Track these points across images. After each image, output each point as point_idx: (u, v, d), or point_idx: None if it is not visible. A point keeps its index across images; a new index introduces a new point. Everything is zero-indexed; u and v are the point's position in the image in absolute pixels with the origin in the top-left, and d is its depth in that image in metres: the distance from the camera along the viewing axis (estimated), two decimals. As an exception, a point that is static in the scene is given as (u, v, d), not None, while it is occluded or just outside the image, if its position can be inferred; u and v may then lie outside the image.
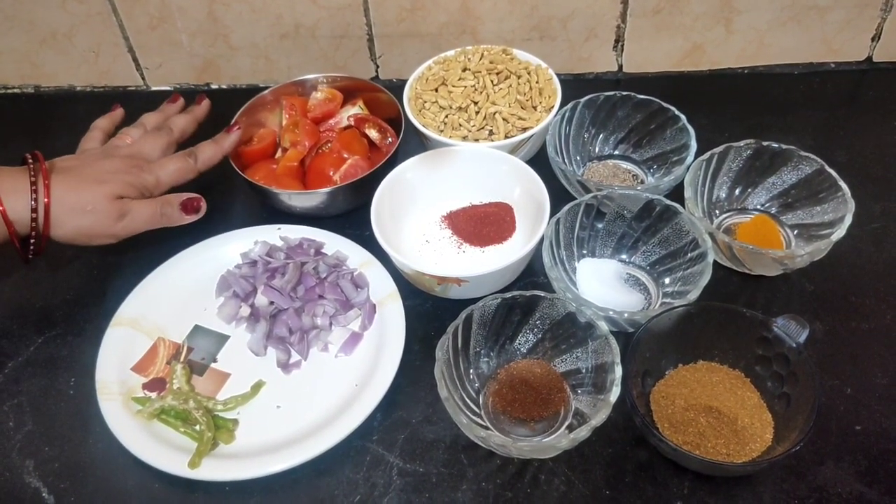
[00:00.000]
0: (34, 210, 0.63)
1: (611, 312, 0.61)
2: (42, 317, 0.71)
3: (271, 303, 0.68)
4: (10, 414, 0.64)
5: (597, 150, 0.82)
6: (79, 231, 0.66)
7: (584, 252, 0.72)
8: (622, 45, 0.91)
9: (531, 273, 0.71)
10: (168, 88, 0.99)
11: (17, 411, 0.64)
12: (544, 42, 0.91)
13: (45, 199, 0.63)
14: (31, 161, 0.64)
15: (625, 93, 0.79)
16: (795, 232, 0.72)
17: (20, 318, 0.72)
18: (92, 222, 0.65)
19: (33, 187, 0.63)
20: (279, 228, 0.74)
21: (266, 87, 0.84)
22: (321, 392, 0.63)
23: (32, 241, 0.64)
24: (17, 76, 0.98)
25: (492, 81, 0.79)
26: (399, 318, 0.66)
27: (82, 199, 0.64)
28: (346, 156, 0.77)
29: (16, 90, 1.00)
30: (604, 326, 0.59)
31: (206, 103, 0.80)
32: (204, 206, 0.72)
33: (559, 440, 0.54)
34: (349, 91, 0.84)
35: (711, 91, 0.92)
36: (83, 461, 0.61)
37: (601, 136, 0.82)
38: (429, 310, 0.69)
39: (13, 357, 0.68)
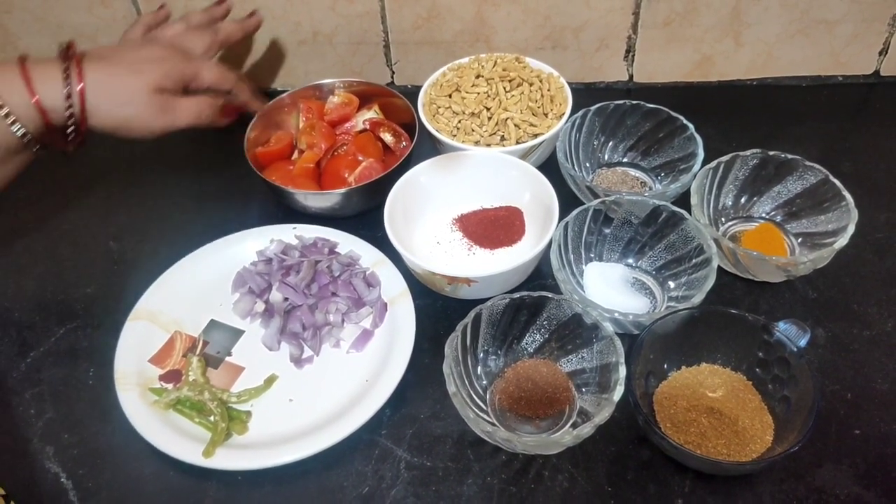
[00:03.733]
0: (69, 97, 0.61)
1: (616, 314, 0.62)
2: (63, 309, 0.73)
3: (285, 299, 0.69)
4: (31, 402, 0.66)
5: (606, 157, 0.84)
6: (117, 122, 0.64)
7: (592, 256, 0.73)
8: (633, 56, 0.93)
9: (539, 275, 0.72)
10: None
11: (39, 399, 0.66)
12: (556, 51, 0.93)
13: (80, 84, 0.61)
14: (67, 51, 0.62)
15: (634, 102, 0.80)
16: (800, 240, 0.73)
17: (43, 310, 0.74)
18: (131, 114, 0.64)
19: (66, 73, 0.61)
20: (294, 228, 0.76)
21: (284, 91, 0.86)
22: (332, 387, 0.65)
23: (72, 131, 0.62)
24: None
25: (504, 88, 0.80)
26: (409, 317, 0.68)
27: (119, 88, 0.63)
28: (360, 158, 0.79)
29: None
30: (609, 328, 0.60)
31: (257, 18, 0.78)
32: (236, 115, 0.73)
33: (563, 436, 0.55)
34: (365, 96, 0.86)
35: (720, 102, 0.93)
36: (101, 448, 0.63)
37: (610, 143, 0.83)
38: (439, 309, 0.71)
39: (35, 347, 0.70)
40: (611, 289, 0.70)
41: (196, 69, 0.68)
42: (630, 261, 0.73)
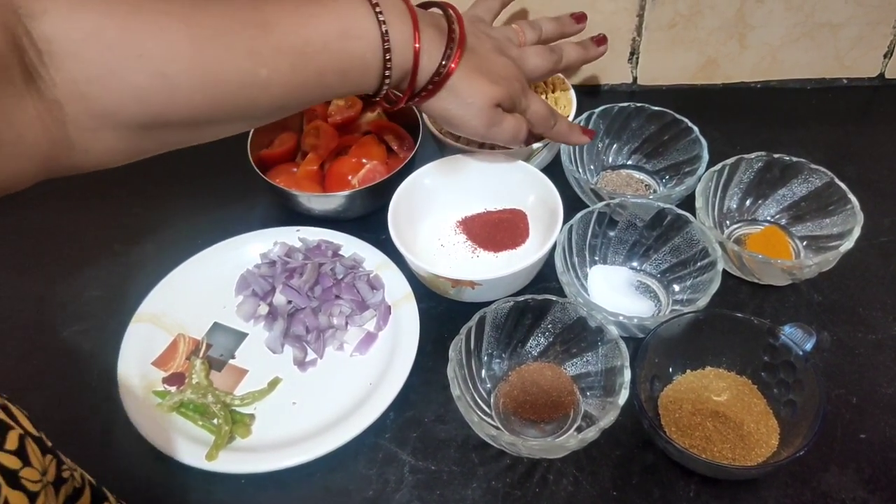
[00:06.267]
0: (438, 73, 0.58)
1: (621, 317, 0.62)
2: (67, 311, 0.73)
3: (289, 302, 0.69)
4: (35, 402, 0.66)
5: (610, 159, 0.84)
6: (449, 114, 0.62)
7: (596, 259, 0.73)
8: (637, 58, 0.93)
9: (543, 278, 0.72)
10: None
11: (43, 400, 0.66)
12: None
13: (452, 66, 0.59)
14: (451, 29, 0.60)
15: (639, 104, 0.80)
16: (804, 243, 0.73)
17: (46, 311, 0.73)
18: (465, 116, 0.62)
19: (447, 50, 0.58)
20: (298, 230, 0.76)
21: (288, 93, 0.85)
22: (336, 390, 0.65)
23: (408, 98, 0.60)
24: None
25: (508, 91, 0.80)
26: (413, 320, 0.68)
27: (473, 89, 0.61)
28: (364, 161, 0.79)
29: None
30: (614, 331, 0.60)
31: (604, 48, 0.76)
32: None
33: (568, 440, 0.55)
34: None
35: (724, 104, 0.93)
36: (103, 450, 0.62)
37: (615, 145, 0.83)
38: (442, 312, 0.71)
39: (39, 349, 0.70)
40: (615, 292, 0.69)
41: (528, 104, 0.66)
42: (634, 264, 0.73)
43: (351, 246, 0.75)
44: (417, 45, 0.57)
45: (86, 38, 0.44)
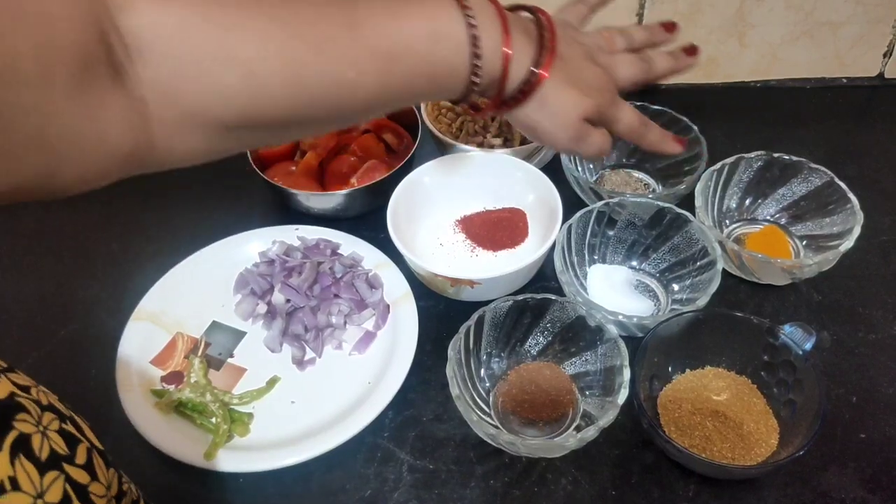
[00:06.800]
0: (528, 81, 0.56)
1: (620, 317, 0.62)
2: (65, 310, 0.73)
3: (288, 301, 0.69)
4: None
5: (609, 158, 0.83)
6: (534, 125, 0.60)
7: (596, 258, 0.73)
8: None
9: (543, 278, 0.72)
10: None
11: (39, 400, 0.66)
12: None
13: (543, 73, 0.56)
14: (543, 29, 0.57)
15: (639, 103, 0.80)
16: (804, 243, 0.73)
17: (44, 310, 0.73)
18: (552, 127, 0.60)
19: (538, 57, 0.56)
20: (297, 229, 0.76)
21: (287, 92, 0.85)
22: (335, 389, 0.65)
23: (491, 102, 0.58)
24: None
25: (508, 90, 0.80)
26: (412, 319, 0.67)
27: (562, 101, 0.58)
28: (363, 159, 0.79)
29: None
30: (613, 330, 0.60)
31: (694, 59, 0.70)
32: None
33: (567, 439, 0.55)
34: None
35: (724, 104, 0.93)
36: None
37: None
38: (441, 311, 0.70)
39: (37, 348, 0.70)
40: (615, 291, 0.69)
41: (616, 116, 0.63)
42: (634, 263, 0.73)
43: (350, 245, 0.75)
44: (507, 51, 0.55)
45: (174, 34, 0.43)
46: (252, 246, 0.75)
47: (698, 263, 0.68)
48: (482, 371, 0.64)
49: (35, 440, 0.32)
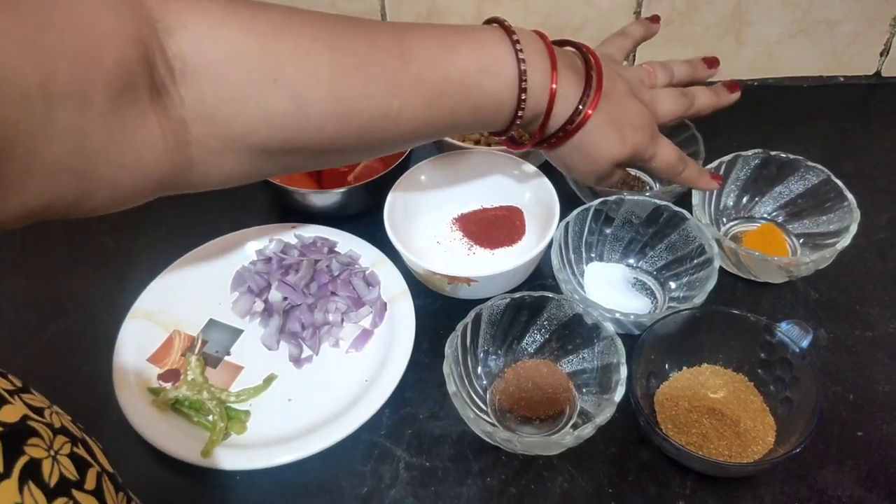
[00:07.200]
0: (572, 120, 0.56)
1: (617, 314, 0.62)
2: (62, 308, 0.73)
3: (285, 298, 0.69)
4: (28, 401, 0.66)
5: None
6: (568, 164, 0.60)
7: (593, 256, 0.73)
8: (634, 55, 0.93)
9: (540, 275, 0.72)
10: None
11: (36, 398, 0.66)
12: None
13: (589, 112, 0.56)
14: (590, 71, 0.57)
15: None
16: (801, 241, 0.73)
17: (38, 307, 0.73)
18: (581, 168, 0.60)
19: (584, 95, 0.56)
20: (294, 227, 0.76)
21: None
22: (332, 386, 0.65)
23: (533, 138, 0.58)
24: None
25: (505, 87, 0.80)
26: (409, 317, 0.67)
27: (599, 146, 0.58)
28: (360, 157, 0.79)
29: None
30: (610, 328, 0.60)
31: (736, 95, 0.70)
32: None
33: (563, 437, 0.55)
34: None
35: (721, 102, 0.93)
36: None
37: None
38: (438, 309, 0.70)
39: (29, 345, 0.70)
40: (612, 289, 0.69)
41: (654, 154, 0.62)
42: (631, 261, 0.73)
43: (347, 243, 0.75)
44: (554, 87, 0.54)
45: (225, 59, 0.43)
46: (249, 244, 0.75)
47: (695, 261, 0.68)
48: (479, 368, 0.64)
49: (45, 465, 0.32)
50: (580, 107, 0.55)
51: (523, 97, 0.53)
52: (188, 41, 0.42)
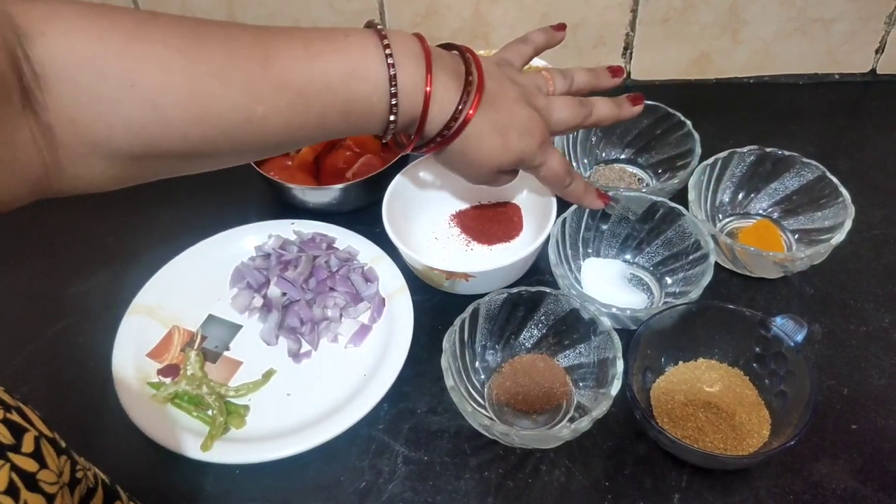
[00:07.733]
0: (450, 124, 0.55)
1: (614, 309, 0.63)
2: (61, 304, 0.73)
3: (284, 294, 0.69)
4: (28, 395, 0.66)
5: (603, 154, 0.84)
6: (450, 167, 0.61)
7: (590, 252, 0.73)
8: (631, 53, 0.93)
9: (537, 271, 0.73)
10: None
11: (35, 392, 0.66)
12: (554, 48, 0.92)
13: (470, 113, 0.55)
14: (469, 74, 0.55)
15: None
16: (796, 236, 0.73)
17: (39, 304, 0.74)
18: (465, 173, 0.61)
19: (464, 98, 0.54)
20: (293, 223, 0.76)
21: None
22: (330, 381, 0.65)
23: (410, 141, 0.57)
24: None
25: (502, 85, 0.80)
26: (407, 312, 0.68)
27: (480, 152, 0.57)
28: (359, 153, 0.79)
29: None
30: (607, 322, 0.60)
31: (639, 108, 0.67)
32: None
33: (561, 431, 0.55)
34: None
35: (717, 99, 0.94)
36: (98, 442, 0.62)
37: (608, 140, 0.83)
38: (436, 304, 0.71)
39: (30, 342, 0.70)
40: (608, 284, 0.70)
41: (543, 162, 0.61)
42: (627, 257, 0.73)
43: (345, 238, 0.75)
44: (429, 89, 0.53)
45: (79, 65, 0.44)
46: (248, 240, 0.75)
47: (691, 257, 0.68)
48: (477, 363, 0.64)
49: None
50: (459, 107, 0.55)
51: (394, 101, 0.53)
52: (47, 47, 0.43)
